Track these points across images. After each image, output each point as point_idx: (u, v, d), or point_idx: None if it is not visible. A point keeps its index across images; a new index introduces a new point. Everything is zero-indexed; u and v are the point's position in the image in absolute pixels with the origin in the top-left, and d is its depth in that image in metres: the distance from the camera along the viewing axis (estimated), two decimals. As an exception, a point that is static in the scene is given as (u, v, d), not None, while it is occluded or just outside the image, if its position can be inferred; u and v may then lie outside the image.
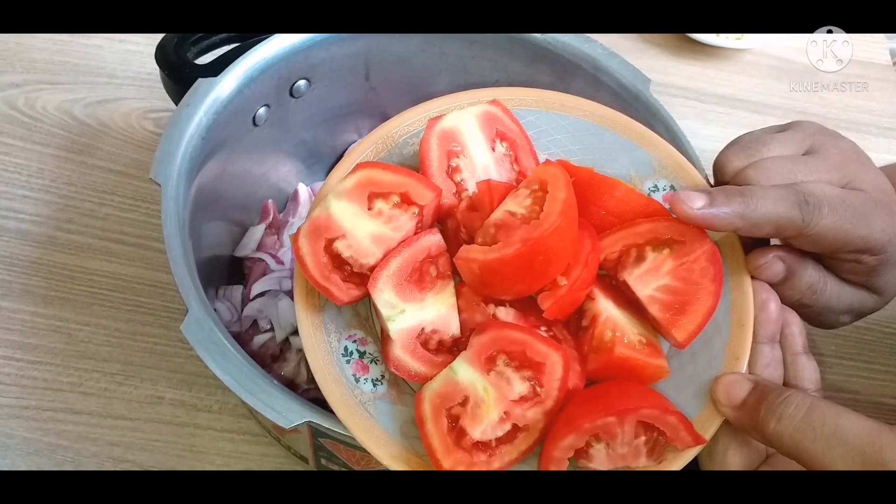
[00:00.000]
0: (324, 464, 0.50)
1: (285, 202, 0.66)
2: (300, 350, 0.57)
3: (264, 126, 0.57)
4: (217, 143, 0.51)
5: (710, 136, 0.79)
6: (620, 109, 0.47)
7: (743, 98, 0.84)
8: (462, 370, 0.38)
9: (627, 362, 0.39)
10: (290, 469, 0.56)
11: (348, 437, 0.40)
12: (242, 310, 0.59)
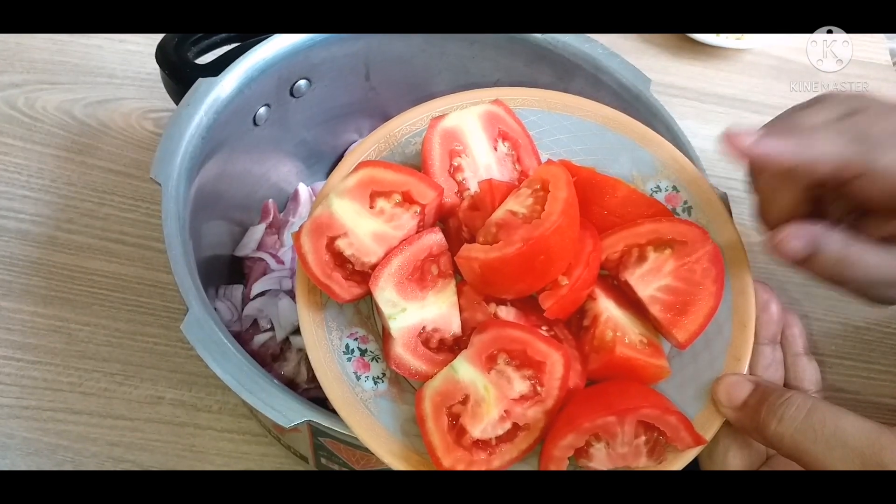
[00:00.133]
0: (324, 463, 0.50)
1: (286, 202, 0.66)
2: (300, 349, 0.57)
3: (265, 126, 0.57)
4: (217, 143, 0.51)
5: (711, 136, 0.77)
6: (621, 109, 0.47)
7: (743, 98, 0.84)
8: (463, 369, 0.38)
9: (628, 362, 0.39)
10: (290, 469, 0.56)
11: (348, 436, 0.40)
12: (243, 309, 0.59)
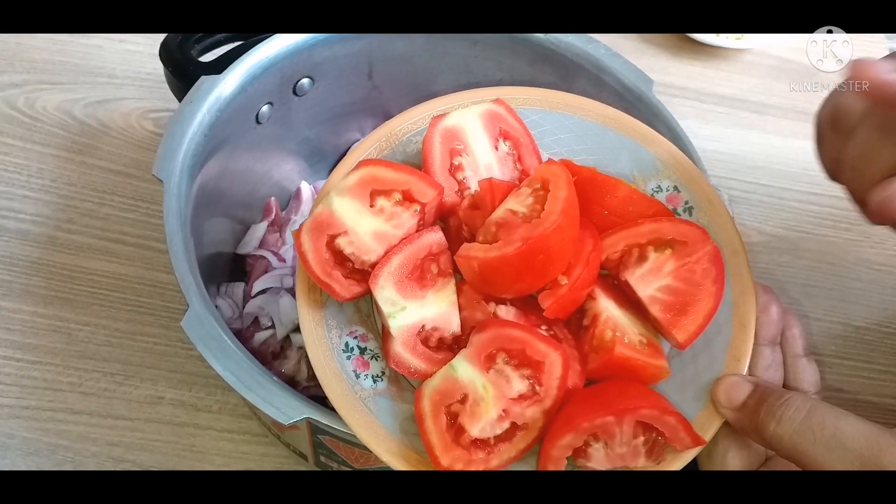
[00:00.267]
0: (323, 461, 0.50)
1: (288, 200, 0.66)
2: (301, 347, 0.57)
3: (267, 124, 0.57)
4: (220, 141, 0.51)
5: (711, 136, 0.79)
6: (623, 110, 0.47)
7: (743, 98, 0.84)
8: (462, 368, 0.38)
9: (628, 362, 0.39)
10: (289, 469, 0.56)
11: (347, 433, 0.40)
12: (243, 307, 0.59)
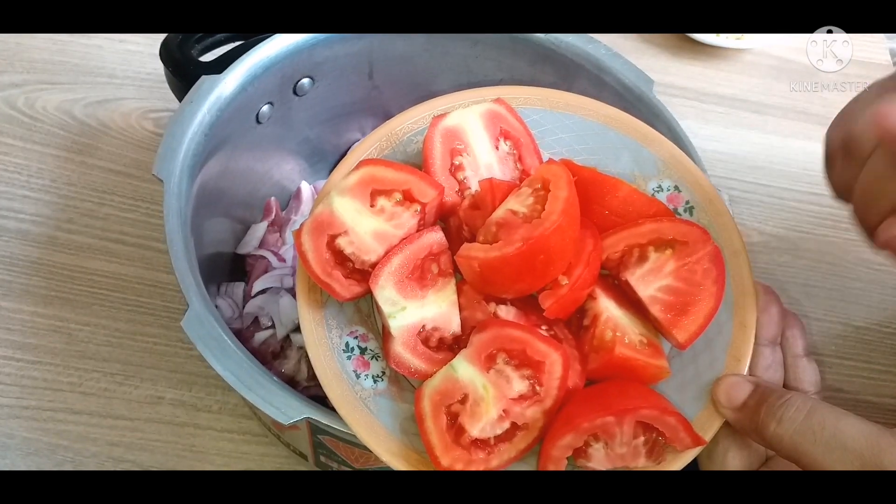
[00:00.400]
0: (323, 461, 0.50)
1: (288, 200, 0.66)
2: (301, 347, 0.57)
3: (267, 124, 0.57)
4: (220, 141, 0.51)
5: (711, 136, 0.79)
6: (623, 110, 0.47)
7: (743, 98, 0.84)
8: (462, 368, 0.38)
9: (628, 362, 0.39)
10: (290, 469, 0.56)
11: (347, 433, 0.40)
12: (244, 307, 0.59)
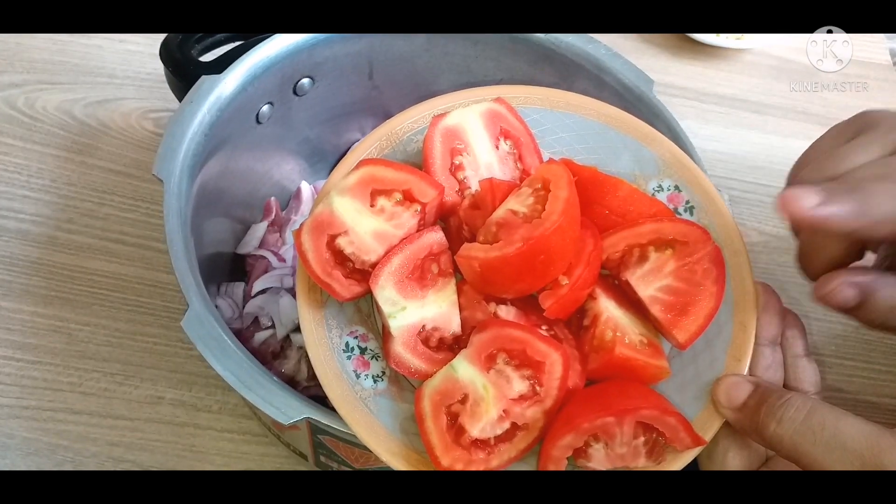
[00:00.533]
0: (323, 461, 0.50)
1: (288, 200, 0.66)
2: (301, 347, 0.57)
3: (267, 124, 0.57)
4: (220, 141, 0.51)
5: (711, 136, 0.79)
6: (623, 110, 0.47)
7: (743, 98, 0.84)
8: (462, 368, 0.38)
9: (628, 362, 0.39)
10: (290, 469, 0.56)
11: (347, 433, 0.40)
12: (244, 307, 0.59)
